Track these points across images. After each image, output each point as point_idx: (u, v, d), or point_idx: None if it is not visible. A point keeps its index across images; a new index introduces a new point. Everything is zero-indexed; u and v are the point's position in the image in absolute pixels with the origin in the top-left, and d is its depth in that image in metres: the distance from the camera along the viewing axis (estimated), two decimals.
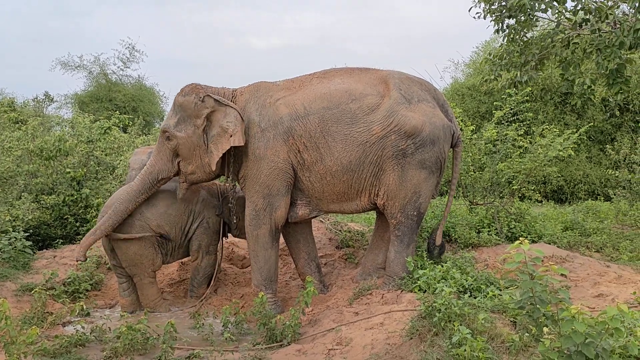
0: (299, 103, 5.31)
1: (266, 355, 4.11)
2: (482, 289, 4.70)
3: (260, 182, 5.35)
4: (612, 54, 6.15)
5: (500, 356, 3.29)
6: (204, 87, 5.52)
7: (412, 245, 5.43)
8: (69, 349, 4.30)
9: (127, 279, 5.77)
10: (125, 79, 23.22)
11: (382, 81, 5.39)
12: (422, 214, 5.44)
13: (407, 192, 5.26)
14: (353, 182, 5.31)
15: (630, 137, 12.55)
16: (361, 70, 5.58)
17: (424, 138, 5.18)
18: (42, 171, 8.61)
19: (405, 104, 5.22)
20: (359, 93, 5.27)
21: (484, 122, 9.88)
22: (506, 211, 7.37)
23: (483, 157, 7.61)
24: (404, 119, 5.14)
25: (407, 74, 5.62)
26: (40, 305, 5.11)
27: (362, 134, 5.16)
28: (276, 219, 5.42)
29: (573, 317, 2.76)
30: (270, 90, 5.51)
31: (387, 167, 5.22)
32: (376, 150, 5.18)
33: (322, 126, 5.21)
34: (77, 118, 10.90)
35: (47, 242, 7.88)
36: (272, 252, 5.51)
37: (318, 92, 5.32)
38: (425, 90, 5.49)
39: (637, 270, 5.98)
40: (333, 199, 5.45)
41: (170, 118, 5.54)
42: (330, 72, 5.61)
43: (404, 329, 3.87)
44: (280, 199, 5.37)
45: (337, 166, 5.23)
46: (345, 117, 5.19)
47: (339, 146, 5.19)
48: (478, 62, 15.45)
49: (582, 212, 9.36)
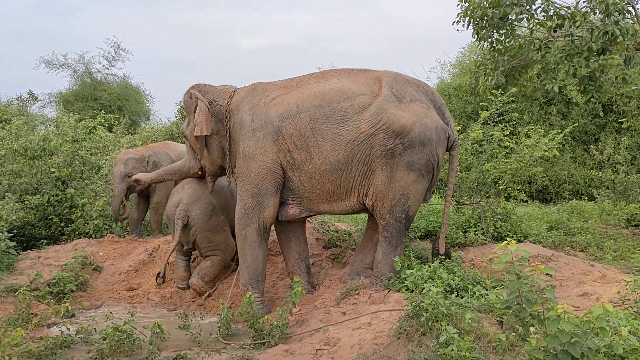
0: (292, 102, 5.33)
1: (254, 355, 4.10)
2: (468, 288, 4.72)
3: (249, 181, 5.39)
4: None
5: (487, 356, 3.31)
6: (200, 85, 5.83)
7: (399, 247, 5.42)
8: (54, 350, 4.25)
9: (187, 257, 6.38)
10: (111, 77, 23.02)
11: (376, 80, 5.37)
12: (410, 217, 5.40)
13: (395, 193, 5.22)
14: (342, 182, 5.29)
15: (613, 138, 12.70)
16: (360, 70, 5.57)
17: (412, 138, 5.12)
18: (27, 171, 8.53)
19: (395, 102, 5.18)
20: (351, 92, 5.25)
21: (470, 123, 9.94)
22: (492, 211, 7.41)
23: (469, 158, 7.65)
24: (392, 117, 5.09)
25: (405, 75, 5.59)
26: (25, 306, 5.05)
27: (351, 133, 5.14)
28: (264, 218, 5.43)
29: (559, 316, 2.79)
30: (266, 91, 5.56)
31: (376, 166, 5.19)
32: (364, 148, 5.15)
33: (312, 124, 5.21)
34: (61, 117, 10.82)
35: (32, 243, 7.81)
36: (260, 251, 5.51)
37: (313, 91, 5.34)
38: (421, 92, 5.44)
39: (621, 269, 6.06)
40: (323, 198, 5.45)
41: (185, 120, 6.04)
42: (329, 72, 5.62)
43: (392, 329, 3.88)
44: (269, 199, 5.38)
45: (326, 165, 5.22)
46: (336, 115, 5.18)
47: (328, 145, 5.19)
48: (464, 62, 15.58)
49: (567, 211, 9.45)
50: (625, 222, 8.77)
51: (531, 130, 8.25)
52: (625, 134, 12.38)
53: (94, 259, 6.81)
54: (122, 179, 7.64)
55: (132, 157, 7.77)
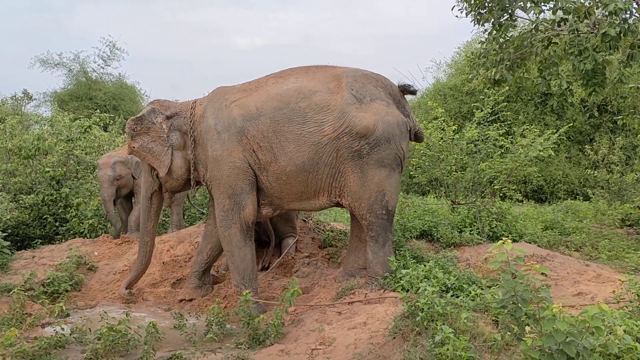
0: (252, 105, 5.39)
1: (249, 355, 4.09)
2: (464, 288, 4.72)
3: (223, 184, 5.44)
4: (589, 56, 6.20)
5: (482, 355, 3.32)
6: (160, 101, 5.93)
7: (387, 244, 5.41)
8: (49, 350, 4.23)
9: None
10: (106, 77, 23.00)
11: (335, 78, 5.40)
12: (391, 211, 5.41)
13: (371, 192, 5.25)
14: (309, 182, 5.34)
15: (608, 138, 12.74)
16: (317, 68, 5.61)
17: (378, 137, 5.18)
18: (21, 170, 8.50)
19: (356, 104, 5.23)
20: (308, 91, 5.30)
21: (466, 122, 9.95)
22: (488, 211, 7.43)
23: (465, 157, 7.67)
24: (355, 120, 5.15)
25: (364, 70, 5.62)
26: (19, 306, 5.04)
27: (314, 134, 5.19)
28: (245, 217, 5.46)
29: (554, 316, 2.79)
30: (226, 94, 5.62)
31: (345, 169, 5.25)
32: (330, 151, 5.20)
33: (274, 126, 5.26)
34: (56, 116, 10.81)
35: (26, 242, 7.78)
36: (247, 250, 5.54)
37: (271, 93, 5.40)
38: (380, 87, 5.48)
39: (615, 269, 6.07)
40: (292, 198, 5.51)
41: None
42: (287, 71, 5.66)
43: (387, 329, 3.88)
44: (246, 197, 5.42)
45: (292, 166, 5.26)
46: (295, 116, 5.23)
47: (292, 146, 5.23)
48: (460, 62, 15.58)
49: (562, 211, 9.48)
50: (619, 222, 8.80)
51: (526, 130, 8.28)
52: (619, 134, 12.42)
53: (88, 259, 6.79)
54: (110, 183, 7.65)
55: (118, 159, 7.79)
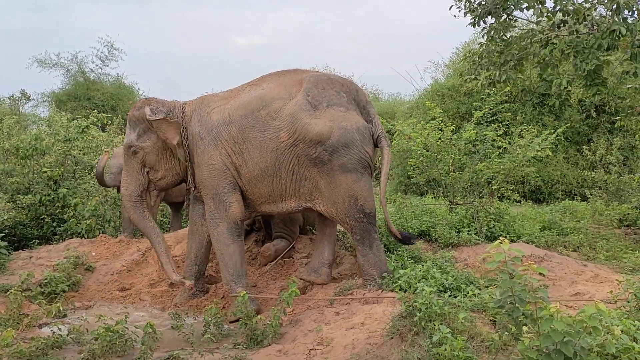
0: (226, 111, 5.54)
1: (247, 355, 4.09)
2: (462, 288, 4.72)
3: (207, 186, 5.57)
4: (590, 55, 6.20)
5: (480, 355, 3.32)
6: (155, 99, 5.92)
7: (374, 244, 5.35)
8: (46, 351, 4.22)
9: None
10: (104, 77, 22.93)
11: (298, 83, 5.45)
12: (369, 213, 5.33)
13: (343, 197, 5.24)
14: (274, 187, 5.45)
15: (606, 138, 12.74)
16: (288, 72, 5.69)
17: (334, 143, 5.15)
18: (18, 170, 8.48)
19: (310, 110, 5.24)
20: (269, 98, 5.41)
21: (464, 123, 9.96)
22: (485, 211, 7.43)
23: (463, 158, 7.67)
24: (306, 126, 5.18)
25: (330, 74, 5.67)
26: (16, 306, 5.02)
27: (272, 141, 5.30)
28: (231, 216, 5.52)
29: (552, 316, 2.79)
30: (210, 102, 5.75)
31: (312, 175, 5.30)
32: (290, 157, 5.28)
33: (242, 133, 5.41)
34: (54, 116, 10.77)
35: (23, 243, 7.76)
36: (235, 247, 5.58)
37: (241, 101, 5.54)
38: (343, 92, 5.44)
39: (613, 269, 6.07)
40: (262, 200, 5.61)
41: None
42: (263, 77, 5.76)
43: (385, 329, 3.88)
44: (230, 196, 5.50)
45: (258, 171, 5.41)
46: (258, 124, 5.36)
47: (257, 152, 5.37)
48: (458, 62, 15.56)
49: (560, 212, 9.47)
50: (617, 222, 8.80)
51: (524, 131, 8.28)
52: (617, 134, 12.43)
53: (86, 259, 6.78)
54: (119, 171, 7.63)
55: None
